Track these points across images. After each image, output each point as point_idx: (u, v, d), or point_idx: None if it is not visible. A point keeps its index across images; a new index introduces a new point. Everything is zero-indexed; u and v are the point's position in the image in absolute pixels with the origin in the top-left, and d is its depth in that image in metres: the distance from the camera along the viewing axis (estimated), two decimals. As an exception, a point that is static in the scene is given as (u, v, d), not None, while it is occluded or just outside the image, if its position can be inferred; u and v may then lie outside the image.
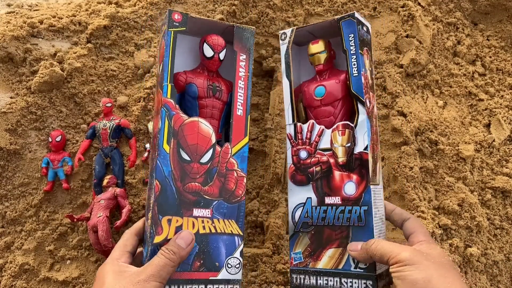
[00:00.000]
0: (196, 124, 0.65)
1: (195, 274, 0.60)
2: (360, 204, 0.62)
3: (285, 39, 0.71)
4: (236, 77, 0.69)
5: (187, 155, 0.63)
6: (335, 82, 0.67)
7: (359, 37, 0.64)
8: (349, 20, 0.65)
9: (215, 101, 0.71)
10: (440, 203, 0.87)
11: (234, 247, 0.63)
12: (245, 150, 0.67)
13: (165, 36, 0.65)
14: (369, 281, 0.61)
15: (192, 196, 0.62)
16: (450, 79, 1.00)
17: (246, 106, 0.68)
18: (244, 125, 0.67)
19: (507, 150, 0.94)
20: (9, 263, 0.82)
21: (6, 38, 0.87)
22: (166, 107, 0.64)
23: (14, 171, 0.85)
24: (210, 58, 0.71)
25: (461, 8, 1.06)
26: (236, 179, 0.65)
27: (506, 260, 0.87)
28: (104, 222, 0.77)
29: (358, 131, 0.64)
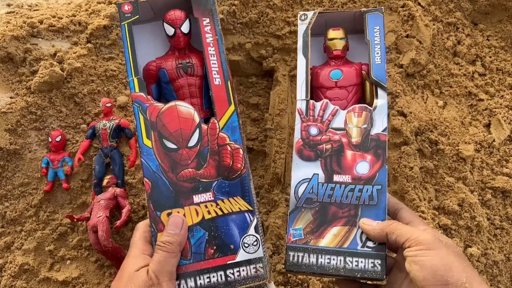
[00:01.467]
0: (174, 109, 0.61)
1: (211, 262, 0.57)
2: (373, 183, 0.62)
3: (305, 20, 0.71)
4: (205, 45, 0.64)
5: (172, 144, 0.60)
6: (352, 69, 0.69)
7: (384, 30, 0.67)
8: (376, 14, 0.68)
9: (190, 78, 0.66)
10: (440, 203, 0.87)
11: (246, 224, 0.59)
12: (234, 120, 0.62)
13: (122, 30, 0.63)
14: (377, 260, 0.59)
15: (189, 183, 0.59)
16: (450, 79, 1.00)
17: (222, 73, 0.63)
18: (226, 94, 0.63)
19: (507, 150, 0.94)
20: (9, 263, 0.82)
21: (6, 38, 0.87)
22: (138, 102, 0.61)
23: (14, 171, 0.85)
24: (173, 36, 0.66)
25: (461, 8, 1.06)
26: (231, 153, 0.61)
27: (506, 260, 0.87)
28: (104, 222, 0.77)
29: (376, 114, 0.64)
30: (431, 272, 0.49)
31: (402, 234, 0.54)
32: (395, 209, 0.62)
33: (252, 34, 1.00)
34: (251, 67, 1.03)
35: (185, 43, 0.67)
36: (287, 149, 0.95)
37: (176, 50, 0.68)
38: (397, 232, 0.55)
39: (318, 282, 0.81)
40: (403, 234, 0.54)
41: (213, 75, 0.63)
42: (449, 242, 0.54)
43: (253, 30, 1.00)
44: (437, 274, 0.49)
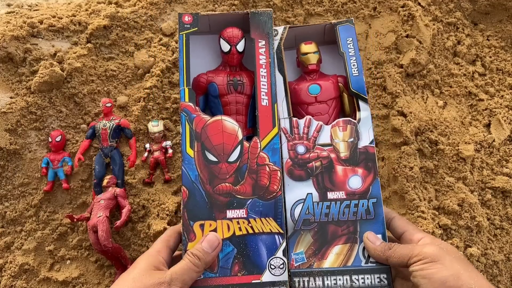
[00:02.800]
0: (219, 123, 0.62)
1: (236, 278, 0.57)
2: (368, 197, 0.62)
3: (276, 35, 0.71)
4: (257, 66, 0.65)
5: (213, 156, 0.61)
6: (329, 82, 0.69)
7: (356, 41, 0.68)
8: (347, 25, 0.69)
9: (238, 96, 0.68)
10: (440, 203, 0.87)
11: (275, 246, 0.59)
12: (276, 142, 0.63)
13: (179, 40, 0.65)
14: (383, 274, 0.59)
15: (224, 198, 0.60)
16: (450, 79, 1.00)
17: (271, 95, 0.64)
18: (271, 115, 0.63)
19: (507, 150, 0.94)
20: (9, 263, 0.82)
21: (6, 38, 0.87)
22: (186, 111, 0.63)
23: (14, 171, 0.85)
24: (228, 53, 0.68)
25: (461, 8, 1.06)
26: (269, 174, 0.62)
27: (506, 260, 0.87)
28: (104, 222, 0.77)
29: (361, 127, 0.65)
30: (441, 284, 0.49)
31: (403, 255, 0.54)
32: (388, 218, 0.62)
33: (252, 34, 1.00)
34: (251, 67, 1.03)
35: (238, 61, 0.70)
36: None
37: (228, 66, 0.70)
38: (397, 255, 0.55)
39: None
40: (403, 255, 0.54)
41: (261, 96, 0.65)
42: (449, 249, 0.54)
43: (253, 30, 1.00)
44: (446, 286, 0.49)
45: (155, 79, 0.89)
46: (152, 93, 0.88)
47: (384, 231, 0.61)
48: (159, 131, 0.86)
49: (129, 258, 0.80)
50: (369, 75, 0.99)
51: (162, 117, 0.88)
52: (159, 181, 0.85)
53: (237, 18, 0.69)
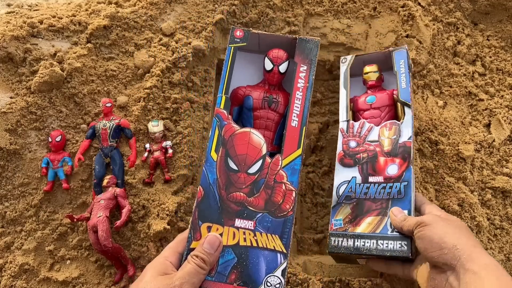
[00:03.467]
0: (247, 135, 0.65)
1: (230, 286, 0.58)
2: (401, 180, 0.74)
3: (345, 63, 0.89)
4: (294, 88, 0.69)
5: (234, 165, 0.63)
6: (384, 94, 0.85)
7: (408, 63, 0.83)
8: (401, 51, 0.84)
9: (270, 112, 0.71)
10: (440, 203, 0.87)
11: (275, 264, 0.60)
12: (297, 163, 0.65)
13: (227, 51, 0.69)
14: (404, 241, 0.68)
15: (236, 206, 0.61)
16: (450, 79, 1.00)
17: (302, 117, 0.67)
18: (298, 137, 0.66)
19: (507, 150, 0.94)
20: (9, 263, 0.81)
21: (6, 38, 0.87)
22: (218, 117, 0.65)
23: (14, 171, 0.85)
24: (270, 71, 0.72)
25: (461, 8, 1.06)
26: (284, 192, 0.63)
27: (506, 260, 0.87)
28: (104, 222, 0.77)
29: (403, 126, 0.78)
30: (428, 242, 0.61)
31: (411, 225, 0.66)
32: (420, 204, 0.73)
33: (252, 34, 1.00)
34: (251, 67, 1.03)
35: (278, 80, 0.73)
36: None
37: (267, 84, 0.74)
38: (407, 224, 0.66)
39: (318, 282, 0.81)
40: (412, 224, 0.66)
41: (292, 116, 0.68)
42: (450, 218, 0.67)
43: (253, 30, 1.00)
44: (433, 243, 0.61)
45: (155, 79, 0.89)
46: (152, 93, 0.88)
47: (410, 208, 0.71)
48: (159, 131, 0.86)
49: (129, 258, 0.80)
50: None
51: (162, 117, 0.88)
52: (159, 181, 0.85)
53: (286, 41, 0.73)
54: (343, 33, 1.01)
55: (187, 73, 0.92)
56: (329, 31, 1.00)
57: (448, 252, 0.59)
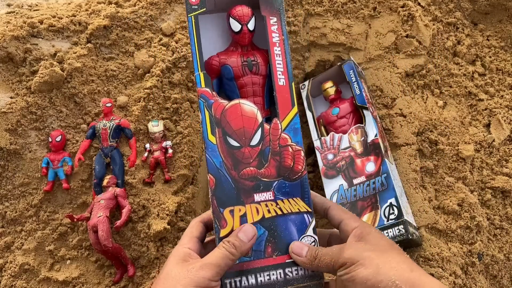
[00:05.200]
0: (238, 107, 0.61)
1: (270, 260, 0.58)
2: (381, 174, 0.82)
3: (304, 88, 0.99)
4: (271, 44, 0.64)
5: (235, 141, 0.60)
6: (346, 103, 0.93)
7: (357, 71, 0.92)
8: (349, 63, 0.93)
9: (254, 77, 0.67)
10: (440, 203, 0.87)
11: (305, 225, 0.60)
12: (296, 122, 0.62)
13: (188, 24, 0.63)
14: (400, 225, 0.76)
15: (250, 182, 0.59)
16: (450, 79, 1.00)
17: (287, 73, 0.64)
18: (290, 95, 0.63)
19: (507, 150, 0.94)
20: (9, 263, 0.82)
21: (6, 38, 0.87)
22: (203, 97, 0.61)
23: (14, 171, 0.85)
24: (239, 32, 0.66)
25: (461, 8, 1.06)
26: (293, 154, 0.61)
27: (506, 260, 0.87)
28: (104, 222, 0.77)
29: (368, 127, 0.87)
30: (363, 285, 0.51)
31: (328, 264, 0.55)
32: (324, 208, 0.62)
33: (252, 34, 1.00)
34: (251, 67, 1.03)
35: (249, 40, 0.68)
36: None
37: (239, 46, 0.68)
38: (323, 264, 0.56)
39: (318, 282, 0.81)
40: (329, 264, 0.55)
41: (277, 75, 0.64)
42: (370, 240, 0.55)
43: (253, 30, 1.00)
44: (368, 285, 0.51)
45: (155, 79, 0.89)
46: (152, 93, 0.88)
47: (394, 195, 0.79)
48: (159, 131, 0.86)
49: (129, 258, 0.80)
50: (369, 76, 0.99)
51: (162, 117, 0.88)
52: (159, 181, 0.85)
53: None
54: (343, 33, 1.01)
55: (188, 73, 0.92)
56: (329, 31, 1.00)
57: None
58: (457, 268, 0.81)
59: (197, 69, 0.62)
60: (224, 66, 0.67)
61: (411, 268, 0.51)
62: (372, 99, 0.95)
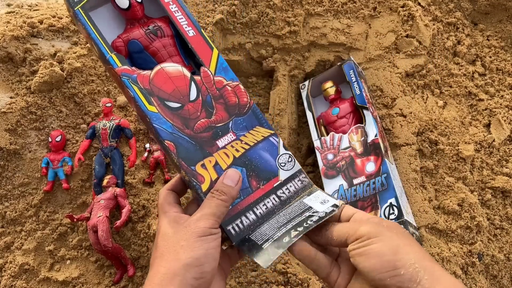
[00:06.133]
0: (162, 72, 0.62)
1: (259, 191, 0.59)
2: (381, 174, 0.81)
3: (304, 89, 0.98)
4: (165, 5, 0.65)
5: (175, 103, 0.60)
6: (346, 103, 0.93)
7: (357, 71, 0.91)
8: (349, 63, 0.92)
9: (162, 40, 0.66)
10: (440, 203, 0.87)
11: (275, 146, 0.62)
12: (221, 61, 0.64)
13: (77, 18, 0.62)
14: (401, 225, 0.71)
15: (207, 133, 0.60)
16: (450, 79, 1.00)
17: (193, 24, 0.65)
18: (204, 41, 0.64)
19: (507, 150, 0.94)
20: (9, 263, 0.81)
21: (6, 38, 0.87)
22: (125, 75, 0.61)
23: (14, 171, 0.85)
24: (129, 7, 0.65)
25: (461, 8, 1.06)
26: (234, 91, 0.63)
27: (506, 260, 0.87)
28: (104, 222, 0.77)
29: (368, 127, 0.86)
30: (378, 260, 0.47)
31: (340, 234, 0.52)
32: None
33: (252, 34, 1.00)
34: (251, 67, 1.03)
35: (142, 11, 0.67)
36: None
37: (135, 21, 0.67)
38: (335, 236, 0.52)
39: (318, 282, 0.81)
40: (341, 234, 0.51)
41: (185, 29, 0.65)
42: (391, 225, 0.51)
43: (253, 30, 1.00)
44: (384, 260, 0.46)
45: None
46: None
47: (395, 195, 0.78)
48: (159, 131, 0.86)
49: (129, 258, 0.80)
50: (369, 76, 0.99)
51: (162, 117, 0.88)
52: (159, 181, 0.85)
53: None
54: (343, 33, 1.01)
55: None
56: (329, 31, 1.00)
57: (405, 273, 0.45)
58: (457, 268, 0.81)
59: (106, 53, 0.61)
60: (130, 42, 0.66)
61: (430, 259, 0.48)
62: (372, 99, 0.94)
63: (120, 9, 0.66)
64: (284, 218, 0.58)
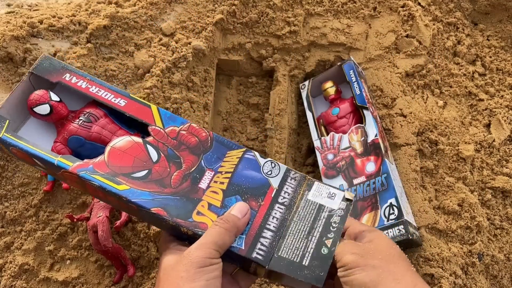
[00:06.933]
0: (114, 150, 0.60)
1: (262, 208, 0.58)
2: (381, 174, 0.81)
3: (304, 88, 0.98)
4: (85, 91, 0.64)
5: (141, 172, 0.59)
6: (346, 103, 0.92)
7: (357, 71, 0.91)
8: (349, 63, 0.92)
9: (98, 122, 0.65)
10: (440, 203, 0.87)
11: (253, 160, 0.61)
12: (164, 113, 0.64)
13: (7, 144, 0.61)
14: (400, 226, 0.75)
15: (186, 182, 0.59)
16: (450, 79, 1.00)
17: (118, 93, 0.65)
18: (138, 103, 0.64)
19: (507, 150, 0.94)
20: (9, 263, 0.81)
21: (6, 38, 0.87)
22: (81, 170, 0.58)
23: (14, 171, 0.85)
24: (52, 111, 0.63)
25: (461, 8, 1.06)
26: (190, 132, 0.63)
27: (506, 260, 0.87)
28: (104, 222, 0.77)
29: (368, 127, 0.86)
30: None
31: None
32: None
33: (252, 34, 1.00)
34: (251, 67, 1.03)
35: (66, 108, 0.66)
36: (287, 149, 0.95)
37: (63, 120, 0.66)
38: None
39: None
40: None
41: (114, 101, 0.65)
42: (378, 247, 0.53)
43: (253, 30, 1.00)
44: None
45: (155, 79, 0.89)
46: (152, 93, 0.88)
47: (395, 195, 0.78)
48: (159, 131, 0.86)
49: (129, 258, 0.80)
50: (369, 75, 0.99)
51: (162, 117, 0.88)
52: (159, 181, 0.85)
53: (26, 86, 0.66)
54: (343, 33, 1.01)
55: (188, 73, 0.92)
56: (329, 31, 1.00)
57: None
58: (457, 268, 0.81)
59: (53, 159, 0.59)
60: (68, 140, 0.64)
61: (415, 284, 0.50)
62: (372, 99, 0.94)
63: (43, 117, 0.64)
64: (303, 225, 0.57)
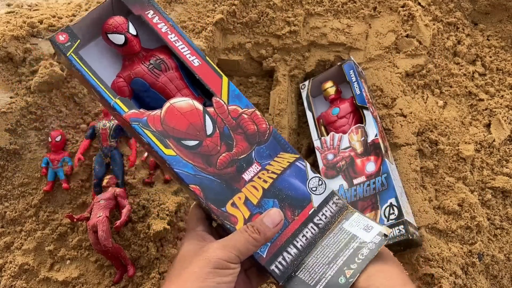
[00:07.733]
0: (173, 109, 0.57)
1: (296, 222, 0.56)
2: (381, 174, 0.81)
3: (304, 88, 0.98)
4: (163, 35, 0.60)
5: (192, 141, 0.56)
6: (346, 103, 0.93)
7: (357, 71, 0.91)
8: (349, 63, 0.92)
9: (168, 73, 0.61)
10: (440, 203, 0.87)
11: (303, 171, 0.58)
12: (233, 89, 0.60)
13: (71, 64, 0.57)
14: (400, 226, 0.76)
15: (231, 168, 0.56)
16: (450, 79, 1.00)
17: (196, 52, 0.61)
18: (212, 69, 0.60)
19: (507, 150, 0.94)
20: (9, 263, 0.81)
21: (6, 38, 0.87)
22: (134, 120, 0.56)
23: (14, 171, 0.85)
24: (125, 43, 0.60)
25: (461, 8, 1.06)
26: (251, 118, 0.59)
27: (506, 260, 0.87)
28: (104, 222, 0.77)
29: (368, 127, 0.86)
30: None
31: None
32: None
33: (252, 34, 1.00)
34: (251, 67, 1.03)
35: (139, 45, 0.62)
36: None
37: (133, 56, 0.62)
38: None
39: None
40: None
41: (189, 58, 0.60)
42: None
43: (253, 30, 1.00)
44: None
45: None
46: (152, 93, 0.88)
47: (395, 195, 0.78)
48: (159, 131, 0.86)
49: (129, 258, 0.80)
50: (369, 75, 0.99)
51: (162, 117, 0.88)
52: (159, 181, 0.85)
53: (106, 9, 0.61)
54: (343, 33, 1.01)
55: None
56: (329, 31, 1.00)
57: None
58: (457, 268, 0.81)
59: (110, 99, 0.56)
60: (133, 81, 0.61)
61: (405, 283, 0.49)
62: (372, 99, 0.94)
63: (115, 45, 0.61)
64: (330, 251, 0.55)
